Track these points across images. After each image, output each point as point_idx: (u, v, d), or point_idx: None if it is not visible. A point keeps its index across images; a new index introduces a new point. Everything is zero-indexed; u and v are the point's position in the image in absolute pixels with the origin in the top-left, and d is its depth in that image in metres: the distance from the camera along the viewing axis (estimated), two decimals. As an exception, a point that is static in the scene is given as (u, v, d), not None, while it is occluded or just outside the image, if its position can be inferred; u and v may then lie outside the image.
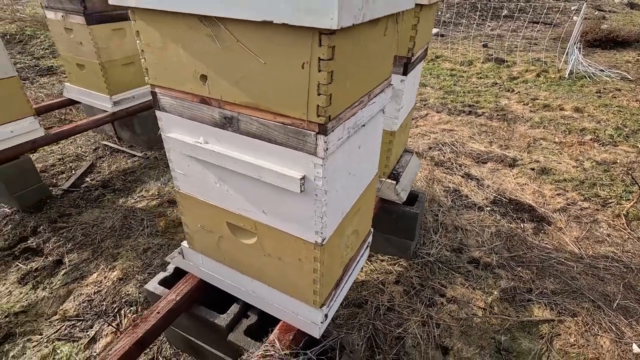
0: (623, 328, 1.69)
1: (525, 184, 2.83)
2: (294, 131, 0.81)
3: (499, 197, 2.67)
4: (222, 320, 1.33)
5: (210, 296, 1.44)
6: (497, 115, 4.07)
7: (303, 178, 0.85)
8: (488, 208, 2.56)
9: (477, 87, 4.89)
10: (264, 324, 1.35)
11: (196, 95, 0.91)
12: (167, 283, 1.50)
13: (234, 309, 1.37)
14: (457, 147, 3.38)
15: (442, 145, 3.39)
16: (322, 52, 0.68)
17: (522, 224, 2.39)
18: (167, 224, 2.41)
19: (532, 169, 3.00)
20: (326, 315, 1.17)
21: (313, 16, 0.62)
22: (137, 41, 0.91)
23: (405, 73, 1.55)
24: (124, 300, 1.90)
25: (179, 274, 1.52)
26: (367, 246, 1.49)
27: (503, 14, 8.20)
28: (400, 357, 1.62)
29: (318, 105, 0.74)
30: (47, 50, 5.92)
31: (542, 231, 2.33)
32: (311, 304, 1.12)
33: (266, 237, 1.07)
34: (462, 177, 2.94)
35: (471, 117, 4.05)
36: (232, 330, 1.31)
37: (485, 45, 6.62)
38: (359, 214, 1.24)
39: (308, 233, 0.96)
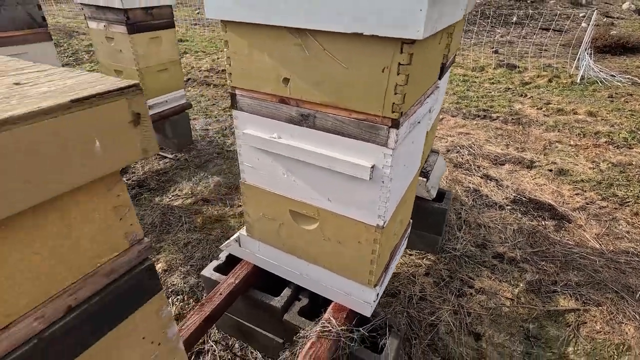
0: (646, 317, 1.79)
1: (544, 184, 2.94)
2: (368, 126, 0.94)
3: (518, 196, 2.78)
4: (277, 302, 1.45)
5: (262, 282, 1.57)
6: (512, 119, 4.18)
7: (373, 167, 0.99)
8: (509, 207, 2.67)
9: (490, 92, 5.00)
10: (314, 307, 1.48)
11: (276, 96, 1.05)
12: (221, 270, 1.63)
13: (287, 292, 1.50)
14: (474, 150, 3.49)
15: (460, 148, 3.51)
16: (403, 58, 0.81)
17: (543, 222, 2.50)
18: (204, 220, 2.55)
19: (550, 170, 3.11)
20: (378, 294, 1.29)
21: (400, 29, 0.76)
22: (225, 50, 1.06)
23: (440, 77, 1.68)
24: (170, 290, 2.03)
25: (231, 262, 1.65)
26: (407, 237, 1.61)
27: (513, 20, 8.34)
28: (435, 342, 1.73)
29: (394, 103, 0.87)
30: (70, 58, 6.17)
31: (563, 228, 2.43)
32: (366, 283, 1.25)
33: (328, 222, 1.19)
34: (481, 177, 3.05)
35: (486, 121, 4.17)
36: (287, 311, 1.44)
37: (496, 52, 6.74)
38: (405, 205, 1.36)
39: (370, 217, 1.09)
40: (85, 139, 0.34)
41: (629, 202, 2.67)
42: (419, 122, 1.11)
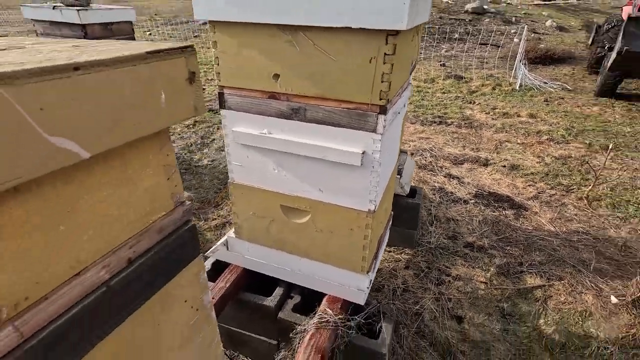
0: (601, 285, 1.99)
1: (500, 179, 3.19)
2: (357, 114, 1.01)
3: (479, 191, 3.00)
4: (270, 301, 1.46)
5: (252, 284, 1.56)
6: (464, 123, 4.52)
7: (363, 153, 1.06)
8: (472, 201, 2.87)
9: (442, 101, 5.38)
10: (306, 304, 1.49)
11: (266, 92, 1.10)
12: (208, 278, 1.60)
13: (279, 291, 1.50)
14: (435, 152, 3.72)
15: (422, 151, 3.73)
16: (388, 48, 0.90)
17: (503, 212, 2.71)
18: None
19: (504, 166, 3.39)
20: (370, 281, 1.34)
21: (385, 21, 0.85)
22: (213, 50, 1.09)
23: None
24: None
25: (216, 270, 1.63)
26: (389, 228, 1.69)
27: (455, 37, 9.07)
28: (422, 329, 1.80)
29: (381, 91, 0.96)
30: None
31: (522, 216, 2.66)
32: (359, 270, 1.30)
33: (319, 213, 1.24)
34: (445, 177, 3.25)
35: (442, 126, 4.47)
36: (281, 310, 1.44)
37: (443, 65, 7.28)
38: (389, 193, 1.44)
39: (362, 203, 1.15)
40: (155, 90, 0.37)
41: (573, 189, 2.98)
42: (399, 113, 1.21)
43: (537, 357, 1.65)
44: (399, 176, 2.08)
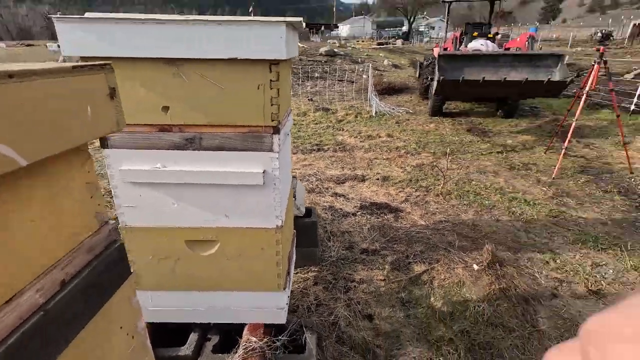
0: (465, 259, 2.46)
1: (377, 190, 3.66)
2: (253, 136, 1.09)
3: (363, 203, 3.37)
4: (186, 349, 1.34)
5: (161, 338, 1.40)
6: (339, 148, 5.04)
7: (264, 172, 1.13)
8: (359, 212, 3.20)
9: (317, 131, 5.90)
10: (227, 340, 1.43)
11: (155, 125, 1.08)
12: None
13: (193, 337, 1.40)
14: (319, 176, 4.04)
15: (308, 176, 3.99)
16: (273, 76, 1.02)
17: (385, 217, 3.10)
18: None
19: (377, 179, 3.90)
20: (288, 297, 1.38)
21: (268, 52, 0.97)
22: (88, 86, 1.03)
23: (286, 108, 1.99)
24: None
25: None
26: (294, 246, 1.77)
27: (316, 75, 10.15)
28: (340, 336, 1.89)
29: (272, 113, 1.06)
30: None
31: (400, 217, 3.09)
32: (275, 288, 1.32)
33: (228, 240, 1.24)
34: (331, 196, 3.55)
35: (321, 153, 4.88)
36: (200, 356, 1.34)
37: (311, 99, 8.02)
38: (289, 211, 1.53)
39: (269, 221, 1.21)
40: (83, 102, 0.36)
41: (431, 188, 3.63)
42: (287, 134, 1.33)
43: (435, 329, 1.92)
44: (294, 198, 2.20)
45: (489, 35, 6.98)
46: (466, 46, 6.84)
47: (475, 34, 7.06)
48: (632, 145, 4.79)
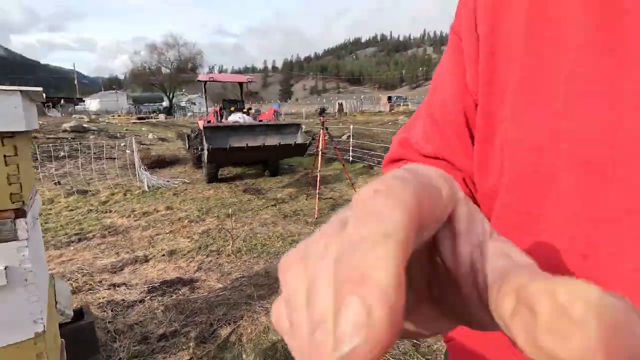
0: (265, 305, 2.62)
1: (165, 267, 3.37)
2: (-17, 226, 0.85)
3: (151, 286, 3.01)
4: None
5: None
6: (109, 232, 4.36)
7: (6, 268, 0.88)
8: (147, 297, 2.83)
9: (73, 218, 4.88)
10: None
11: None
12: None
13: None
14: (86, 270, 3.32)
15: (70, 274, 3.21)
16: (7, 150, 0.86)
17: (180, 291, 2.89)
18: None
19: (163, 255, 3.60)
20: None
21: (3, 124, 0.82)
22: None
23: None
24: None
25: None
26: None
27: (62, 155, 8.50)
28: None
29: (12, 193, 0.88)
30: None
31: (196, 287, 2.95)
32: (46, 421, 1.00)
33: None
34: (108, 288, 2.99)
35: (84, 243, 4.06)
36: None
37: (58, 183, 6.61)
38: (51, 318, 1.22)
39: (25, 329, 0.93)
40: None
41: (222, 250, 3.69)
42: (36, 218, 1.10)
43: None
44: (54, 302, 1.73)
45: (244, 110, 8.11)
46: (227, 119, 7.64)
47: (232, 108, 8.04)
48: (357, 185, 6.61)
